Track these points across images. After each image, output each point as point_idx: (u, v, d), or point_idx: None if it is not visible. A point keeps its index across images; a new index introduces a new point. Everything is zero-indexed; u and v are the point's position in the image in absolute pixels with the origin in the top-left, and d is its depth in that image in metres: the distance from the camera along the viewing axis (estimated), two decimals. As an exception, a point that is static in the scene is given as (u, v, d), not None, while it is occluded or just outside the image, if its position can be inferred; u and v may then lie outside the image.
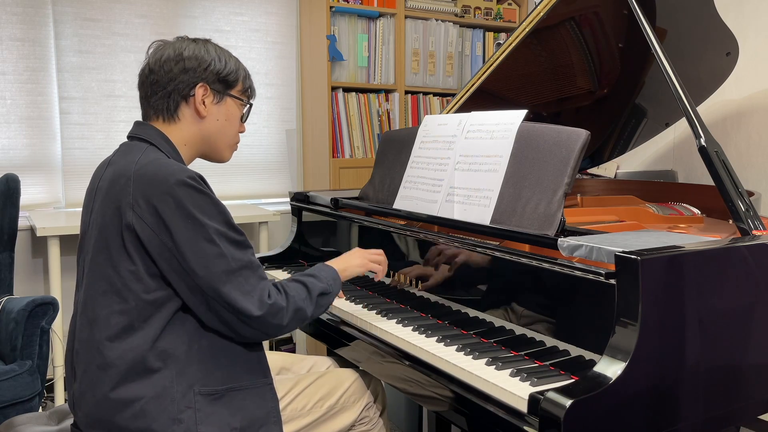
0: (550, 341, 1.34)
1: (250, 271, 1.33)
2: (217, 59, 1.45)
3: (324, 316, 1.77)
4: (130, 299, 1.30)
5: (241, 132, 1.55)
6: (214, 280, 1.28)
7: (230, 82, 1.48)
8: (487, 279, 1.50)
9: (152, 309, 1.30)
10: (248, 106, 1.54)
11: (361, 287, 1.91)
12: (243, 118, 1.54)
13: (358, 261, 1.63)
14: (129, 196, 1.30)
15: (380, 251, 1.69)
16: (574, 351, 1.28)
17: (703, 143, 1.48)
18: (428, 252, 1.68)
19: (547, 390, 1.09)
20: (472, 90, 2.15)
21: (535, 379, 1.21)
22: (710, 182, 1.51)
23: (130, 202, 1.29)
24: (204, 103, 1.44)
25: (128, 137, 1.46)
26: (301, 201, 2.32)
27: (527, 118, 1.61)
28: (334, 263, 1.58)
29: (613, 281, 1.18)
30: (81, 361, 1.35)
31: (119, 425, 1.29)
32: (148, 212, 1.28)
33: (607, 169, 2.90)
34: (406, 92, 3.58)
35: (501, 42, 2.32)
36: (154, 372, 1.29)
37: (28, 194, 2.96)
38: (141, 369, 1.29)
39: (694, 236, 1.38)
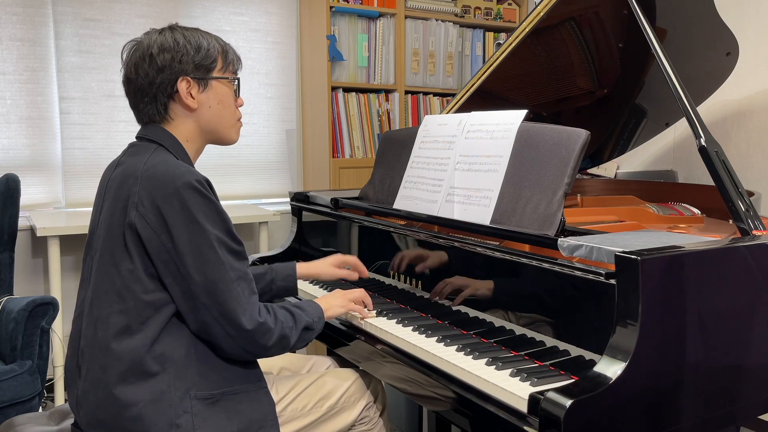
0: (550, 341, 1.34)
1: (246, 283, 1.33)
2: (188, 46, 1.39)
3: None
4: (129, 299, 1.30)
5: (240, 106, 1.50)
6: (211, 287, 1.28)
7: (209, 65, 1.42)
8: (487, 279, 1.50)
9: (150, 311, 1.30)
10: (236, 80, 1.49)
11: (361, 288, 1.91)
12: (236, 93, 1.49)
13: (339, 302, 1.61)
14: (135, 195, 1.30)
15: (360, 289, 1.68)
16: (574, 351, 1.28)
17: (703, 143, 1.48)
18: (428, 252, 1.68)
19: (547, 390, 1.09)
20: (472, 90, 2.15)
21: (535, 379, 1.21)
22: (710, 182, 1.51)
23: (135, 201, 1.29)
24: (191, 94, 1.40)
25: (137, 137, 1.45)
26: (301, 201, 2.32)
27: (527, 118, 1.61)
28: (318, 302, 1.55)
29: (613, 281, 1.18)
30: (86, 360, 1.35)
31: (119, 427, 1.29)
32: (151, 212, 1.28)
33: (607, 169, 2.90)
34: (406, 92, 3.58)
35: (501, 42, 2.32)
36: (153, 376, 1.29)
37: (28, 194, 2.96)
38: (139, 371, 1.29)
39: (694, 236, 1.38)
